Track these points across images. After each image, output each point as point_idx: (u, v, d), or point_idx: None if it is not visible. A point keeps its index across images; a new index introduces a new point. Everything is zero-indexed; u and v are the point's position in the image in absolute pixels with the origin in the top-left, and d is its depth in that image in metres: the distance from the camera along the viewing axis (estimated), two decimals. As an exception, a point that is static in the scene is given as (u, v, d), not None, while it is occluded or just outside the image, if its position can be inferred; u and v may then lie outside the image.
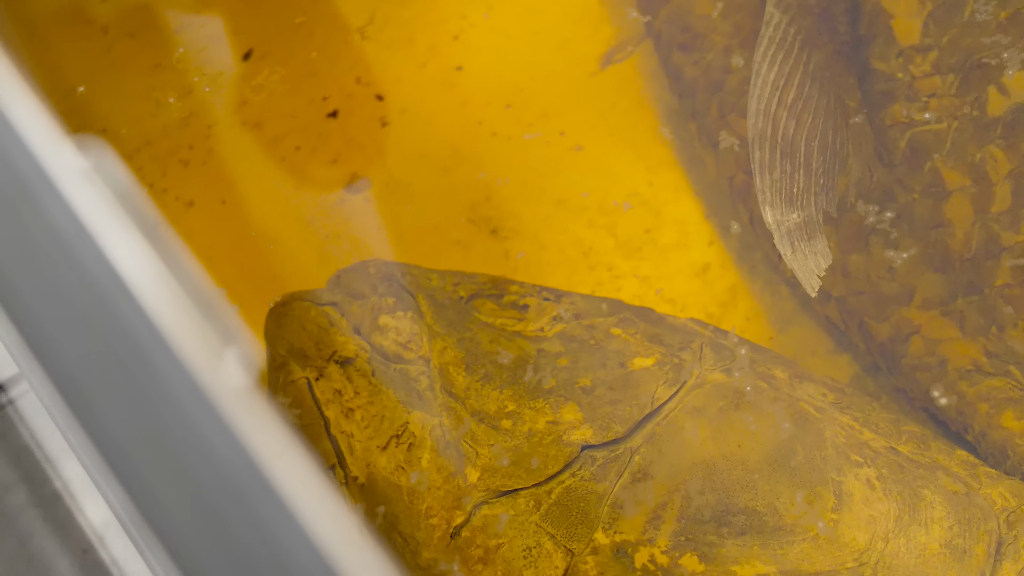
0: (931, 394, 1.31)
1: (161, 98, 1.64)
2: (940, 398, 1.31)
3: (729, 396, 1.16)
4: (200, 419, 0.61)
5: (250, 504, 0.59)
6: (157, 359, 0.61)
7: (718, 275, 1.51)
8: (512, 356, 1.19)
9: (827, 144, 1.26)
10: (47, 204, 0.63)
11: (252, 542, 0.59)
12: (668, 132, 1.60)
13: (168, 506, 0.60)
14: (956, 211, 1.28)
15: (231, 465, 0.60)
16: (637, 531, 1.08)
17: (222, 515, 0.60)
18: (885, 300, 1.34)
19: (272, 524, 0.59)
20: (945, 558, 1.09)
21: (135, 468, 0.60)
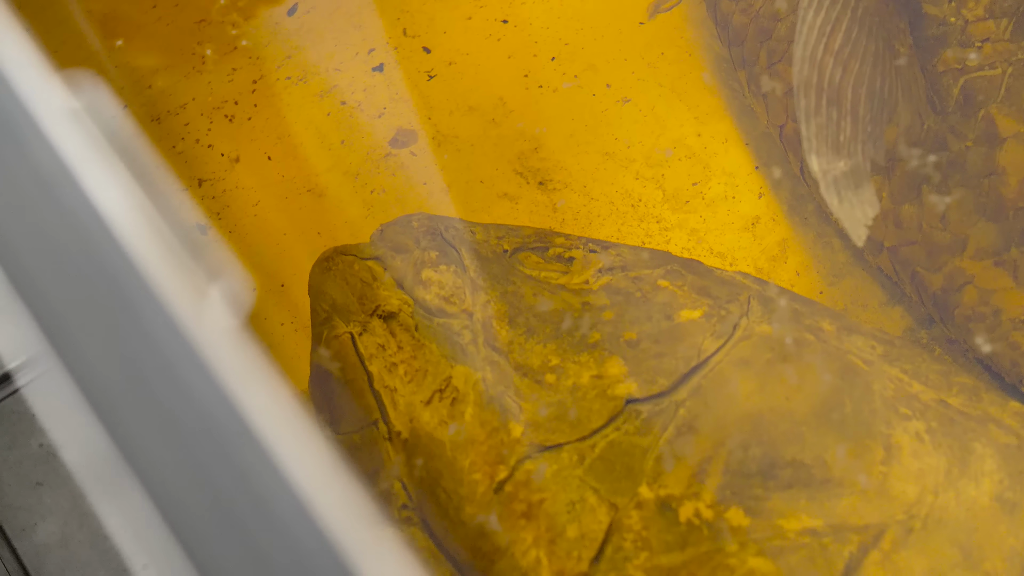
0: (976, 341, 1.29)
1: (206, 54, 1.63)
2: (983, 345, 1.28)
3: (776, 348, 1.14)
4: (183, 359, 0.60)
5: (231, 446, 0.59)
6: (138, 299, 0.60)
7: (768, 228, 1.49)
8: (556, 309, 1.17)
9: (875, 91, 1.24)
10: (30, 142, 0.62)
11: (233, 485, 0.59)
12: (716, 81, 1.58)
13: (149, 449, 0.59)
14: (1010, 159, 1.25)
15: (213, 405, 0.59)
16: (682, 485, 1.07)
17: (203, 459, 0.59)
18: (938, 250, 1.32)
19: (252, 465, 0.58)
20: (995, 512, 1.08)
21: (116, 409, 0.59)
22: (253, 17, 1.65)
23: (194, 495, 0.59)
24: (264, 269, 1.49)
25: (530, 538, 1.07)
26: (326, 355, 1.21)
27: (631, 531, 1.06)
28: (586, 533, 1.07)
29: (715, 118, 1.57)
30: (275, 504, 0.58)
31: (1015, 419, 1.16)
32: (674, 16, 1.64)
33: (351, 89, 1.61)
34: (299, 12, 1.65)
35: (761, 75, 1.43)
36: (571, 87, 1.60)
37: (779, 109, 1.41)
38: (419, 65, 1.63)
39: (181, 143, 1.58)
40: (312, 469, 0.58)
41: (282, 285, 1.48)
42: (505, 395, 1.13)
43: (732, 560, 1.04)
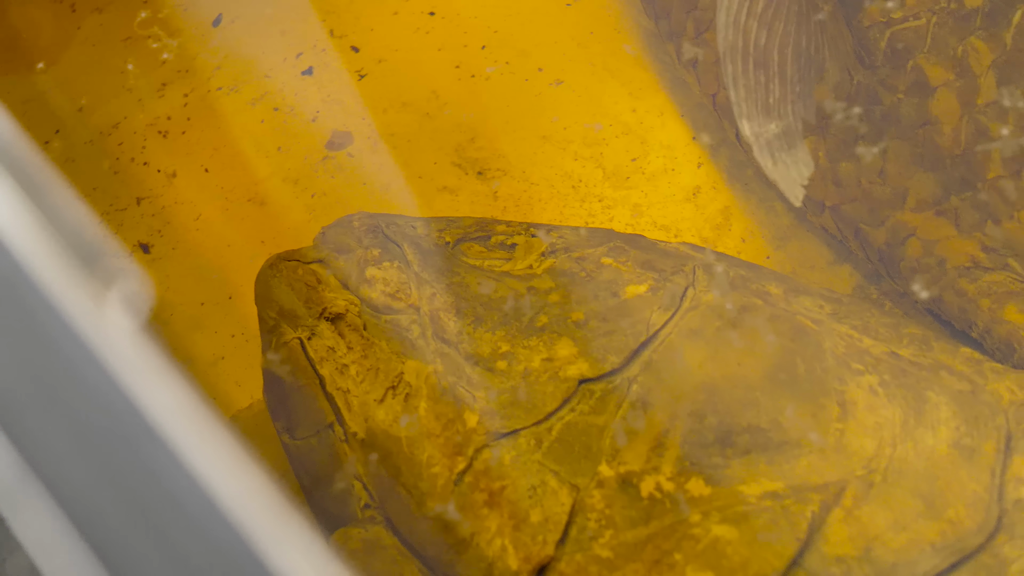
0: (912, 288, 1.29)
1: (134, 71, 1.62)
2: (921, 291, 1.29)
3: (725, 316, 1.14)
4: (83, 364, 0.59)
5: (137, 446, 0.58)
6: (36, 307, 0.59)
7: (710, 197, 1.49)
8: (502, 296, 1.17)
9: (801, 51, 1.24)
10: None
11: (140, 483, 0.58)
12: (647, 55, 1.58)
13: (54, 452, 0.59)
14: (942, 107, 1.25)
15: (117, 408, 0.59)
16: (641, 460, 1.07)
17: (109, 458, 0.59)
18: (879, 205, 1.32)
19: (158, 463, 0.58)
20: (954, 458, 1.08)
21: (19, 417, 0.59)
22: (177, 31, 1.64)
23: (102, 497, 0.58)
24: (211, 282, 1.49)
25: (494, 526, 1.07)
26: (276, 362, 1.20)
27: (594, 510, 1.06)
28: (549, 516, 1.06)
29: (649, 92, 1.57)
30: (183, 500, 0.58)
31: (967, 365, 1.17)
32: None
33: (283, 94, 1.60)
34: (224, 22, 1.64)
35: (690, 45, 1.43)
36: (503, 74, 1.59)
37: (710, 78, 1.41)
38: (349, 65, 1.62)
39: (116, 163, 1.57)
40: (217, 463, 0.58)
41: (230, 297, 1.47)
42: (458, 386, 1.12)
43: (696, 530, 1.04)
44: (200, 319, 1.45)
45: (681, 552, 1.03)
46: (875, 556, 1.03)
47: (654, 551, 1.04)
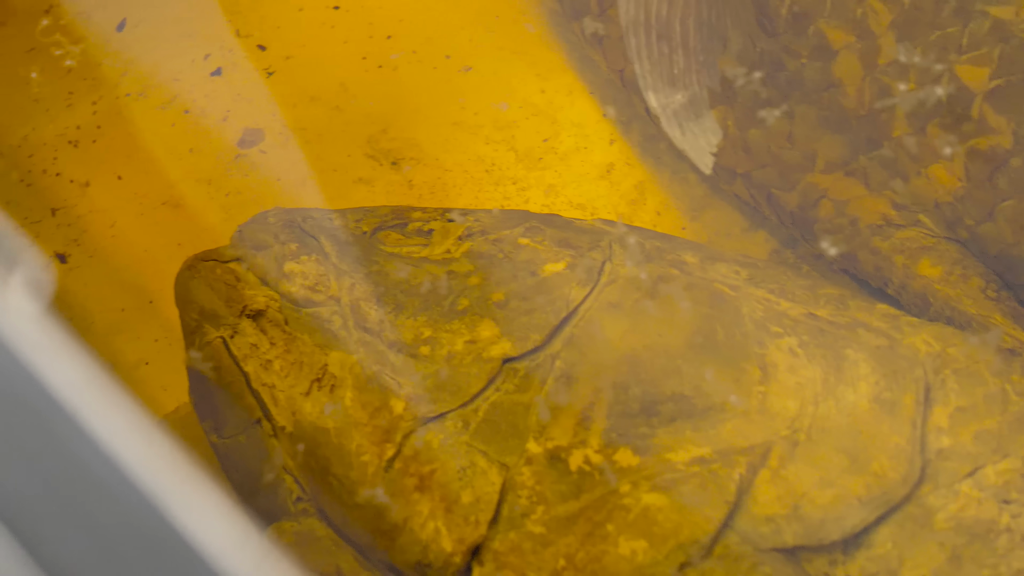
0: (826, 249, 1.31)
1: (39, 80, 1.61)
2: (831, 249, 1.31)
3: (643, 288, 1.15)
4: None
5: (52, 429, 0.58)
6: None
7: (624, 173, 1.50)
8: (422, 282, 1.17)
9: (703, 21, 1.25)
10: None
11: (54, 464, 0.58)
12: (553, 35, 1.59)
13: None
14: (845, 70, 1.27)
15: (22, 387, 0.59)
16: (568, 435, 1.08)
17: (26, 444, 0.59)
18: (789, 169, 1.33)
19: (75, 446, 0.58)
20: (876, 413, 1.09)
21: None
22: (80, 38, 1.63)
23: (18, 480, 0.58)
24: (130, 288, 1.48)
25: (426, 510, 1.08)
26: (200, 362, 1.20)
27: (525, 487, 1.07)
28: (481, 497, 1.07)
29: (557, 72, 1.57)
30: (97, 477, 0.58)
31: (884, 321, 1.18)
32: (503, -22, 1.64)
33: (192, 96, 1.59)
34: (128, 26, 1.64)
35: (594, 22, 1.44)
36: (411, 63, 1.59)
37: (616, 54, 1.42)
38: (256, 64, 1.62)
39: (28, 175, 1.56)
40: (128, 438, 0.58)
41: (151, 302, 1.46)
42: (382, 374, 1.13)
43: (627, 500, 1.05)
44: (121, 325, 1.45)
45: (613, 523, 1.04)
46: (803, 513, 1.04)
47: (586, 524, 1.05)
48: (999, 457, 1.09)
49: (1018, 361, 1.17)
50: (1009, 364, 1.16)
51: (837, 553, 1.04)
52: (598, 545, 1.04)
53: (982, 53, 1.19)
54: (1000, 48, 1.18)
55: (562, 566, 1.04)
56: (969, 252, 1.28)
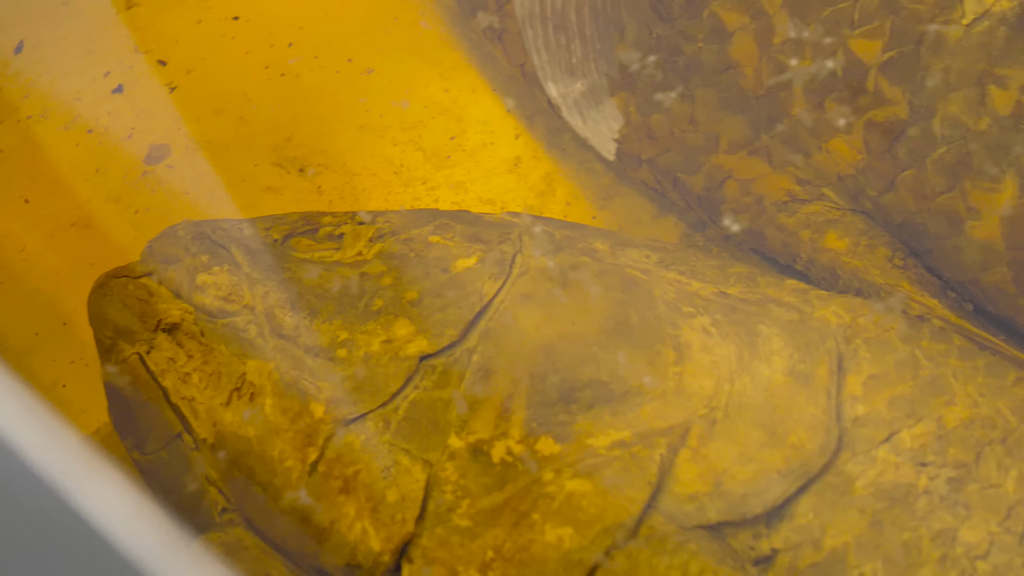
0: (733, 229, 1.32)
1: (-62, 109, 1.60)
2: (735, 227, 1.32)
3: (555, 277, 1.16)
4: None
5: None
6: None
7: (531, 166, 1.51)
8: (335, 286, 1.18)
9: (598, 10, 1.26)
10: None
11: None
12: (453, 34, 1.60)
13: None
14: (741, 51, 1.28)
15: None
16: (490, 428, 1.08)
17: None
18: (693, 152, 1.35)
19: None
20: (791, 386, 1.11)
21: None
22: (-21, 63, 1.62)
23: None
24: (43, 311, 1.47)
25: (352, 511, 1.08)
26: (118, 379, 1.20)
27: (449, 482, 1.07)
28: (406, 494, 1.07)
29: (459, 71, 1.58)
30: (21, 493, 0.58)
31: (793, 295, 1.20)
32: (399, -20, 1.65)
33: (95, 116, 1.59)
34: (26, 48, 1.63)
35: (492, 18, 1.45)
36: (313, 69, 1.60)
37: (516, 48, 1.43)
38: (158, 79, 1.61)
39: (-68, 206, 1.55)
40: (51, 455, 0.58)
41: (64, 323, 1.46)
42: (301, 379, 1.13)
43: (551, 488, 1.05)
44: (36, 348, 1.44)
45: (538, 511, 1.05)
46: (726, 490, 1.06)
47: (512, 514, 1.05)
48: (913, 421, 1.10)
49: (927, 327, 1.19)
50: (918, 330, 1.18)
51: (760, 526, 1.05)
52: (525, 534, 1.04)
53: (874, 27, 1.21)
54: (891, 20, 1.20)
55: (490, 557, 1.05)
56: (874, 223, 1.29)
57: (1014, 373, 1.16)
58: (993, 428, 1.11)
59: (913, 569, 1.04)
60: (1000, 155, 1.18)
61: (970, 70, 1.18)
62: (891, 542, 1.04)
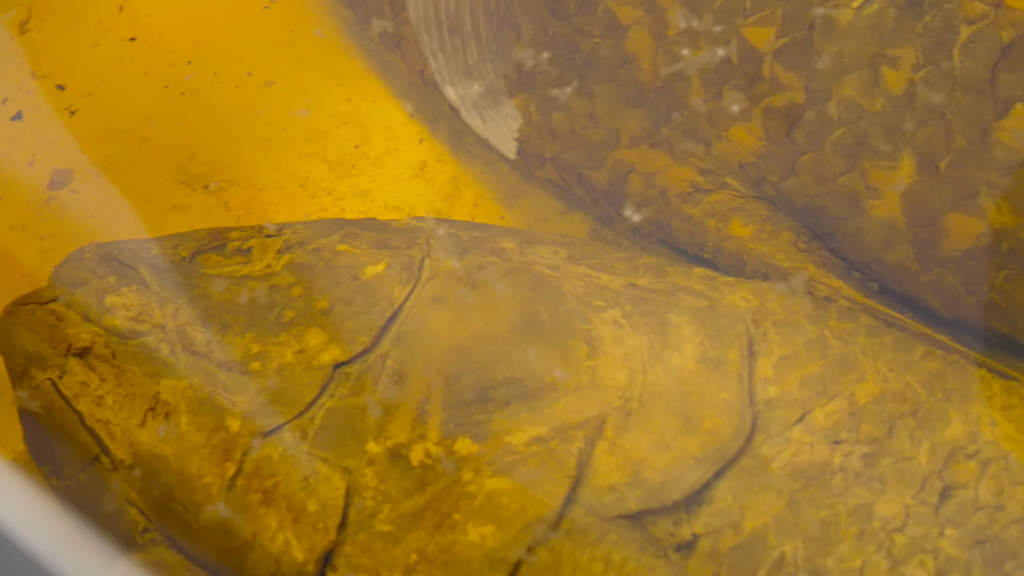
0: (633, 218, 1.33)
1: None
2: (640, 220, 1.33)
3: (464, 279, 1.16)
4: None
5: None
6: None
7: (437, 170, 1.51)
8: (246, 299, 1.18)
9: (492, 11, 1.27)
10: None
11: None
12: (352, 43, 1.60)
13: None
14: (637, 44, 1.29)
15: None
16: (407, 431, 1.09)
17: None
18: (595, 148, 1.36)
19: None
20: (703, 372, 1.12)
21: None
22: None
23: None
24: (-47, 343, 1.45)
25: (274, 523, 1.08)
26: (31, 407, 1.19)
27: (369, 488, 1.07)
28: (326, 503, 1.08)
29: (360, 79, 1.58)
30: None
31: (702, 283, 1.21)
32: (296, -7, 1.64)
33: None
34: (-80, 81, 1.61)
35: (387, 25, 1.45)
36: (213, 85, 1.59)
37: (414, 54, 1.43)
38: (57, 104, 1.60)
39: None
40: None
41: (-25, 355, 1.44)
42: (215, 394, 1.13)
43: (471, 487, 1.06)
44: None
45: (460, 512, 1.05)
46: (644, 478, 1.06)
47: (433, 516, 1.06)
48: (825, 400, 1.12)
49: (834, 307, 1.21)
50: (825, 311, 1.19)
51: (680, 512, 1.06)
52: (447, 535, 1.05)
53: (766, 14, 1.23)
54: (782, 7, 1.22)
55: (414, 560, 1.05)
56: (777, 208, 1.31)
57: (921, 348, 1.17)
58: (904, 402, 1.12)
59: (832, 545, 1.05)
60: (896, 134, 1.19)
61: (862, 52, 1.19)
62: (809, 520, 1.06)
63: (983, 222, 1.19)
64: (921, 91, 1.17)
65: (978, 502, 1.08)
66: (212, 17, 1.64)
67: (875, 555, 1.05)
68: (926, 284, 1.25)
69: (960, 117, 1.17)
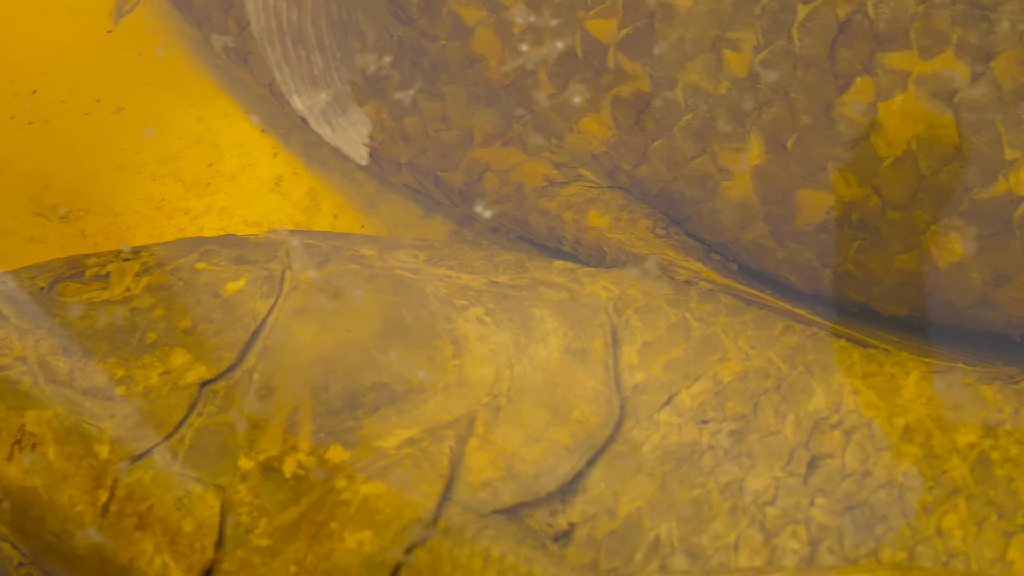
0: (476, 209, 1.35)
1: None
2: (484, 211, 1.34)
3: (326, 288, 1.16)
4: None
5: None
6: None
7: (293, 183, 1.51)
8: (107, 325, 1.17)
9: (334, 19, 1.27)
10: None
11: None
12: (200, 62, 1.59)
13: None
14: (483, 44, 1.30)
15: None
16: (278, 444, 1.08)
17: None
18: (450, 149, 1.36)
19: None
20: (569, 363, 1.13)
21: None
22: None
23: None
24: None
25: (150, 546, 1.07)
26: None
27: (244, 504, 1.07)
28: (202, 522, 1.07)
29: (210, 98, 1.57)
30: None
31: (562, 276, 1.22)
32: (140, 15, 1.63)
33: None
34: None
35: (228, 39, 1.45)
36: (62, 114, 1.57)
37: (261, 68, 1.42)
38: (-98, 142, 1.58)
39: None
40: None
41: None
42: (82, 422, 1.11)
43: (346, 495, 1.06)
44: None
45: (336, 520, 1.05)
46: (517, 472, 1.07)
47: (310, 526, 1.06)
48: (691, 381, 1.13)
49: (694, 290, 1.22)
50: (686, 294, 1.21)
51: (556, 503, 1.07)
52: (325, 544, 1.05)
53: (606, 6, 1.24)
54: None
55: (294, 572, 1.05)
56: (632, 196, 1.32)
57: (781, 323, 1.19)
58: (767, 378, 1.14)
59: (706, 523, 1.07)
60: (742, 115, 1.21)
61: (703, 37, 1.21)
62: (682, 501, 1.07)
63: (832, 196, 1.21)
64: (763, 72, 1.19)
65: (845, 470, 1.10)
66: (55, 45, 1.62)
67: (748, 529, 1.07)
68: (782, 260, 1.27)
69: (803, 95, 1.19)
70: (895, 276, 1.23)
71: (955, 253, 1.20)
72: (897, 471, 1.10)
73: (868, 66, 1.16)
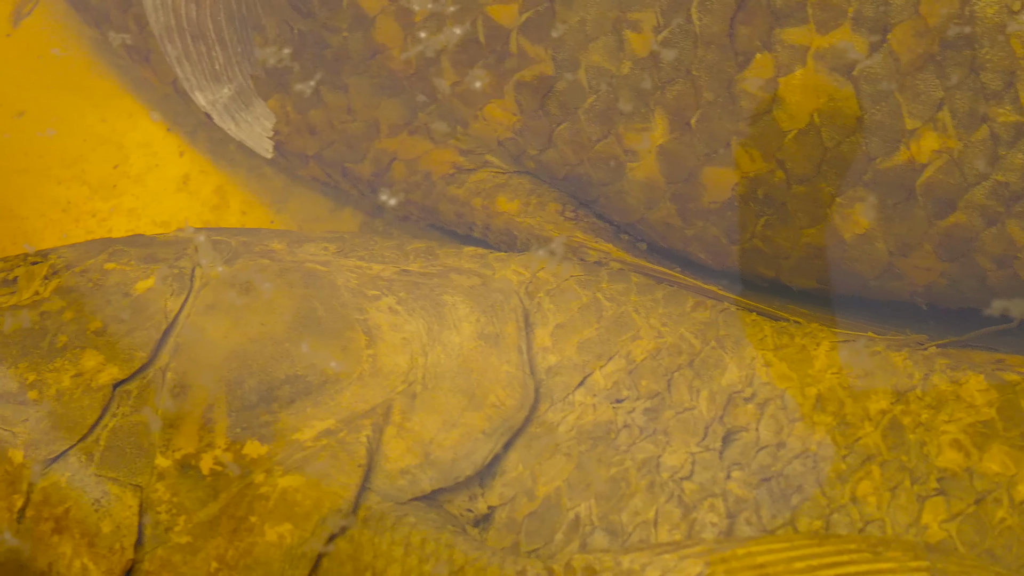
0: (380, 198, 1.35)
1: None
2: (388, 199, 1.35)
3: (236, 284, 1.16)
4: None
5: None
6: None
7: (201, 181, 1.50)
8: (16, 329, 1.16)
9: (233, 13, 1.26)
10: None
11: None
12: (102, 63, 1.58)
13: None
14: (385, 34, 1.30)
15: None
16: (194, 441, 1.08)
17: None
18: (356, 140, 1.36)
19: None
20: (483, 348, 1.13)
21: None
22: None
23: None
24: None
25: (69, 550, 1.06)
26: None
27: (162, 502, 1.07)
28: (120, 523, 1.06)
29: (114, 99, 1.56)
30: None
31: (473, 261, 1.22)
32: (38, 18, 1.61)
33: None
34: None
35: (125, 37, 1.44)
36: (-39, 122, 1.56)
37: (164, 67, 1.41)
38: None
39: None
40: None
41: None
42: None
43: (264, 489, 1.06)
44: None
45: (255, 514, 1.05)
46: (435, 458, 1.07)
47: (230, 521, 1.05)
48: (604, 361, 1.14)
49: (604, 270, 1.23)
50: (596, 275, 1.22)
51: (475, 487, 1.08)
52: (245, 539, 1.05)
53: (507, -9, 1.24)
54: (523, -18, 1.24)
55: (215, 568, 1.05)
56: (540, 180, 1.33)
57: (692, 299, 1.20)
58: (679, 354, 1.15)
59: (624, 500, 1.07)
60: (646, 95, 1.22)
61: (604, 19, 1.22)
62: (599, 479, 1.08)
63: (737, 172, 1.22)
64: (664, 51, 1.20)
65: (760, 442, 1.11)
66: (-47, 51, 1.60)
67: (667, 505, 1.08)
68: (691, 238, 1.28)
69: (705, 72, 1.20)
70: (802, 250, 1.24)
71: (860, 224, 1.21)
72: (811, 441, 1.11)
73: (767, 42, 1.17)
